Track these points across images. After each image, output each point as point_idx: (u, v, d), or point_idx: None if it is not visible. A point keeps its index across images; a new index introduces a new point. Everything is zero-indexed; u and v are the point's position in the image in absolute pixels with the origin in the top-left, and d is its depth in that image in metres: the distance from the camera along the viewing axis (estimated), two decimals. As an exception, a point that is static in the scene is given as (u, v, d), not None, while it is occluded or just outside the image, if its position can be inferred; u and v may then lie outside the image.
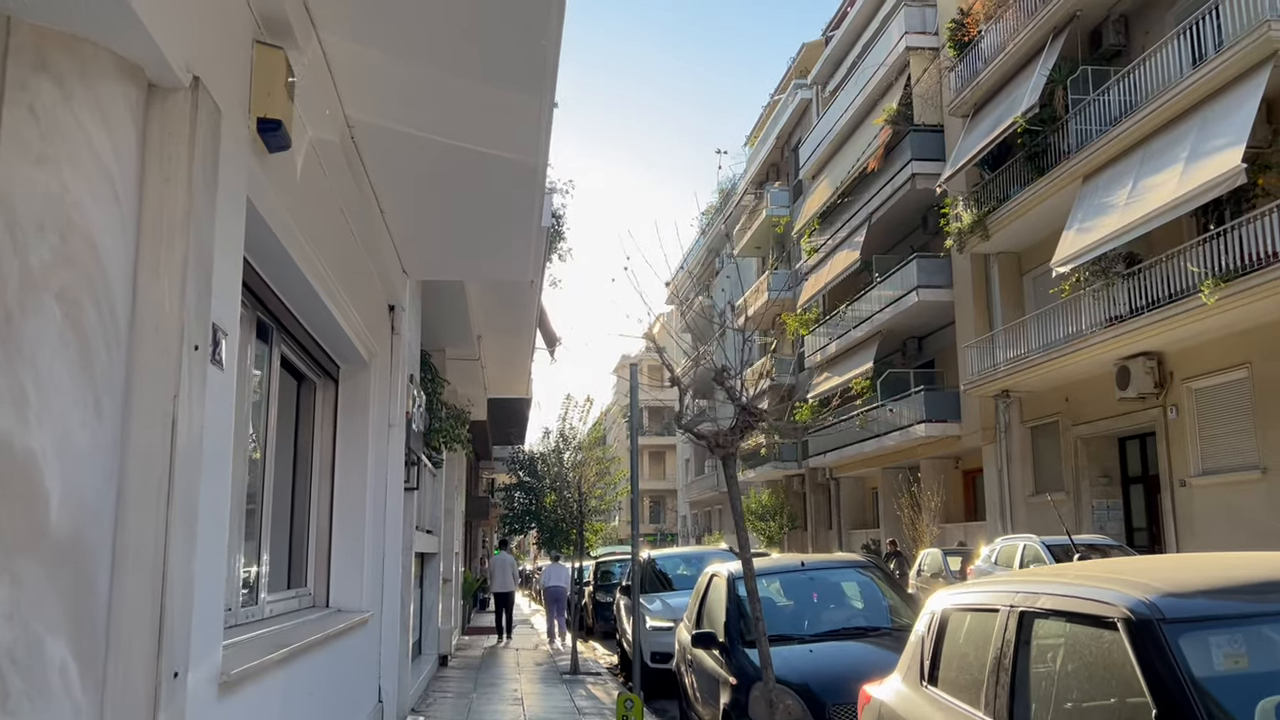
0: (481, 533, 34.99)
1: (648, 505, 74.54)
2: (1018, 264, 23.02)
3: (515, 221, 6.36)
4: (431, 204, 6.21)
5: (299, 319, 5.60)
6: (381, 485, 7.26)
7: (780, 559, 8.24)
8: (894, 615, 7.33)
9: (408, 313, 8.07)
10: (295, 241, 4.61)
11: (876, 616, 7.38)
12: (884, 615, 7.38)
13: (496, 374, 18.40)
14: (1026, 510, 22.20)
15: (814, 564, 7.79)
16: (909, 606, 7.30)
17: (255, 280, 4.66)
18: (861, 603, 7.62)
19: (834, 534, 34.46)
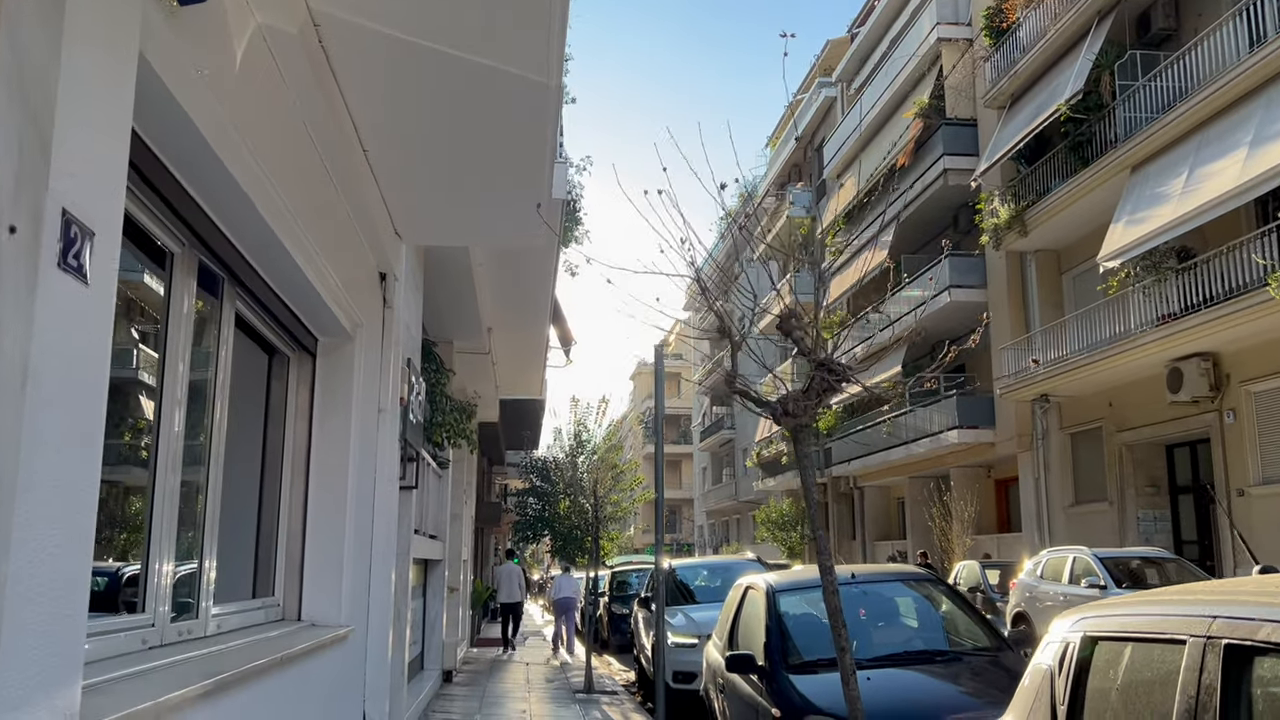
0: (494, 540, 34.00)
1: (663, 515, 73.30)
2: (1056, 262, 21.92)
3: (524, 166, 5.38)
4: (425, 141, 5.24)
5: (259, 272, 4.64)
6: (368, 480, 6.28)
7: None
8: (962, 637, 6.29)
9: (403, 284, 7.10)
10: (241, 160, 3.65)
11: (940, 638, 6.35)
12: (949, 637, 6.35)
13: (508, 372, 17.43)
14: (1066, 521, 21.06)
15: (865, 576, 6.76)
16: (981, 627, 6.25)
17: (190, 207, 3.69)
18: (922, 622, 6.58)
19: (857, 544, 33.30)
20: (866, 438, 29.46)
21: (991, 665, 5.78)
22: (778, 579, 6.81)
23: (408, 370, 7.69)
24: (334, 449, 5.78)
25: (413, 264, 8.22)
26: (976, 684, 5.60)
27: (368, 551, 6.36)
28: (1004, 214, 20.98)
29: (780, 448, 37.54)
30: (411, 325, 8.35)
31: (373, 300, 6.39)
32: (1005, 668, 5.77)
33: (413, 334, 8.43)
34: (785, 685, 5.66)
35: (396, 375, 7.01)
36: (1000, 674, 5.68)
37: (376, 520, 6.56)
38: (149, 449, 3.67)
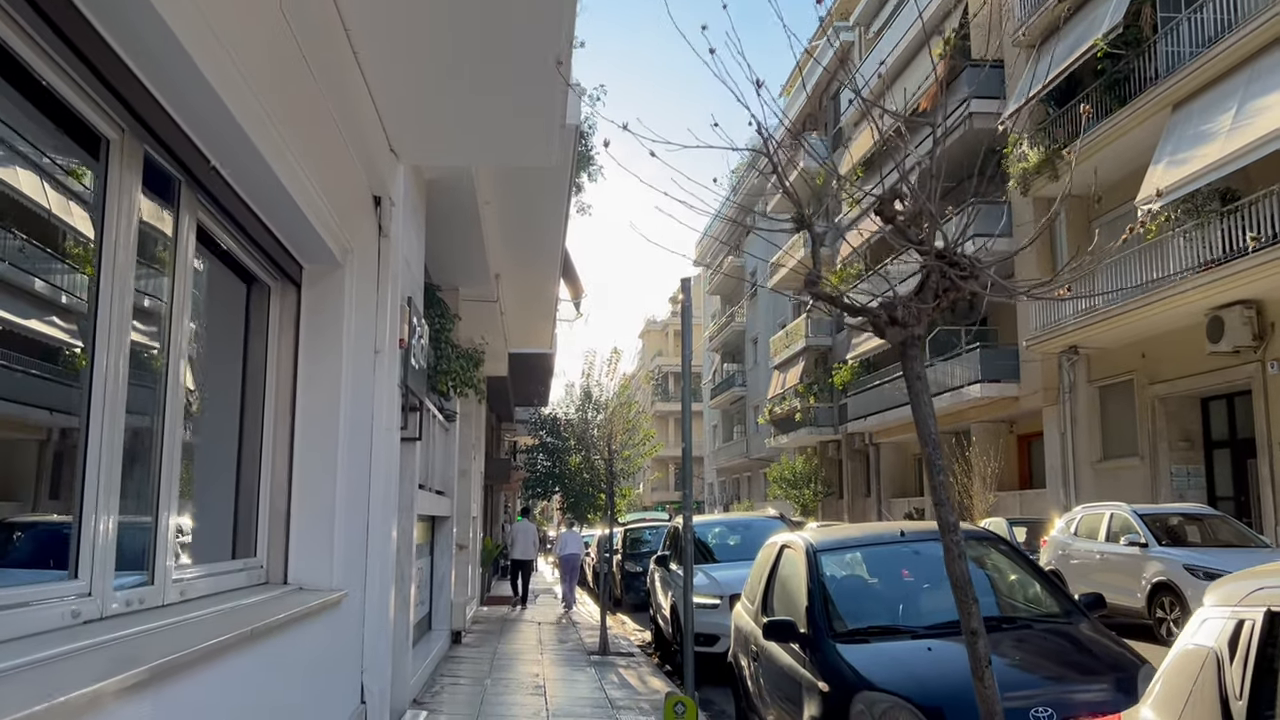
0: (503, 497, 33.54)
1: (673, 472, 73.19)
2: (1087, 209, 21.03)
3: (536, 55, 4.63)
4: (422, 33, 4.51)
5: (228, 180, 3.94)
6: (363, 428, 5.62)
7: (870, 528, 6.53)
8: (1029, 603, 5.63)
9: (401, 212, 6.39)
10: (201, 41, 2.94)
11: (1006, 604, 5.69)
12: (1015, 602, 5.69)
13: (518, 323, 16.75)
14: (1093, 477, 20.41)
15: (917, 534, 6.08)
16: (1050, 592, 5.59)
17: (131, 85, 2.99)
18: (982, 585, 5.92)
19: (872, 501, 32.76)
20: (883, 393, 28.77)
21: (1066, 635, 5.13)
22: (818, 537, 6.15)
23: (408, 310, 7.01)
24: (323, 392, 5.11)
25: (412, 192, 7.50)
26: (1054, 658, 4.95)
27: (364, 507, 5.72)
28: (1033, 157, 20.09)
29: (793, 404, 36.91)
30: (412, 261, 7.66)
31: (366, 225, 5.68)
32: (1081, 638, 5.11)
33: (413, 271, 7.74)
34: (833, 656, 5.02)
35: (395, 313, 6.32)
36: (1078, 646, 5.03)
37: (374, 473, 5.91)
38: (83, 380, 3.00)
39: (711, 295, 58.88)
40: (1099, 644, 5.04)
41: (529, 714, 8.13)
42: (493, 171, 9.50)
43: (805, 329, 36.46)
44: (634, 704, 8.69)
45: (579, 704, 8.69)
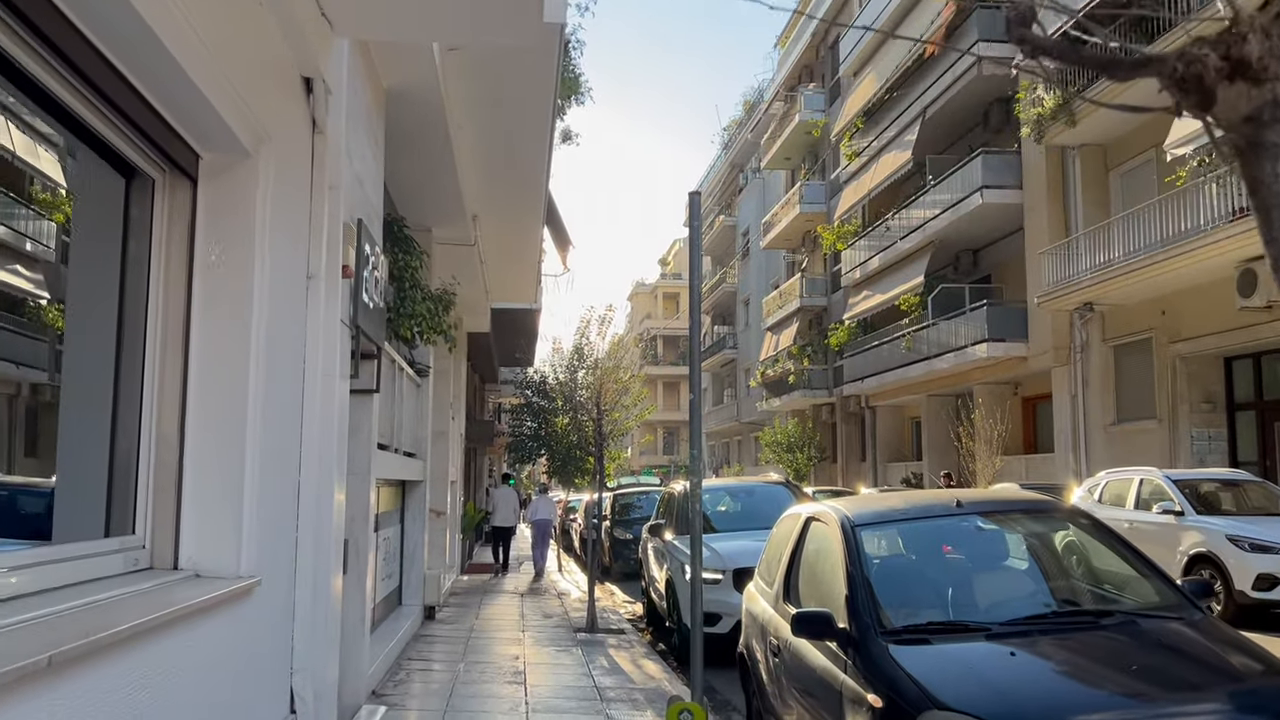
0: (487, 461, 32.46)
1: (661, 436, 72.30)
2: (1103, 158, 19.89)
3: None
4: None
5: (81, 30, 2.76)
6: (289, 371, 4.47)
7: (916, 497, 5.41)
8: (1127, 592, 4.54)
9: (346, 107, 5.19)
10: None
11: (1100, 593, 4.60)
12: (1110, 591, 4.60)
13: (500, 274, 15.54)
14: (1105, 440, 19.42)
15: (977, 504, 4.97)
16: (1152, 577, 4.49)
17: None
18: (1065, 570, 4.83)
19: (868, 466, 31.79)
20: (882, 354, 27.69)
21: (1183, 633, 4.03)
22: (853, 508, 5.03)
23: (358, 234, 5.83)
24: (227, 320, 3.93)
25: (364, 91, 6.28)
26: (1172, 664, 3.85)
27: (292, 469, 4.58)
28: (1050, 102, 18.87)
29: (786, 366, 35.86)
30: (366, 180, 6.45)
31: (291, 113, 4.48)
32: (1202, 637, 4.02)
33: (368, 193, 6.53)
34: (885, 662, 3.91)
35: (335, 232, 5.14)
36: (1204, 648, 3.93)
37: (308, 427, 4.77)
38: None
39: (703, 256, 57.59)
40: (1225, 644, 3.95)
41: (506, 709, 7.05)
42: (465, 89, 8.27)
43: (800, 289, 35.30)
44: (626, 694, 7.62)
45: (563, 694, 7.62)
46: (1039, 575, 4.64)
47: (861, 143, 29.44)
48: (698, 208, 5.25)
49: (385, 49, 6.79)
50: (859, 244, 29.61)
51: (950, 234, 24.13)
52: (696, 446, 5.20)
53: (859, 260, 29.44)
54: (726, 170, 50.65)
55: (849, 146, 30.34)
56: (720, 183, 51.98)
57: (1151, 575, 4.44)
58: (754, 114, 45.00)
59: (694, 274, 5.30)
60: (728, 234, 49.93)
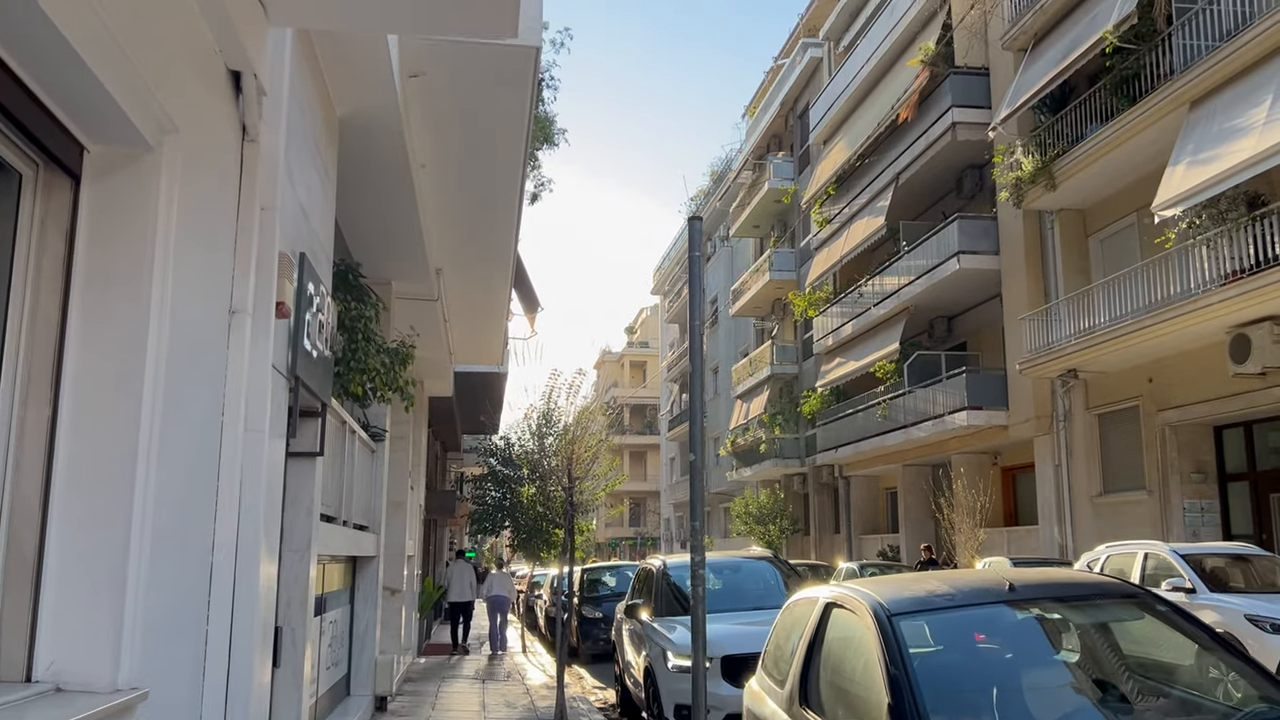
0: (448, 533, 31.21)
1: (627, 507, 70.96)
2: (1082, 223, 19.57)
3: None
4: None
5: None
6: (202, 423, 3.62)
7: (957, 579, 4.58)
8: (1214, 689, 3.73)
9: (287, 118, 4.42)
10: None
11: (1183, 694, 3.78)
12: (1197, 690, 3.79)
13: (464, 334, 14.74)
14: (1092, 513, 18.75)
15: (1033, 588, 4.17)
16: (1256, 676, 3.68)
17: None
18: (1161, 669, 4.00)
19: (842, 539, 30.93)
20: (856, 422, 27.04)
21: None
22: (885, 593, 4.20)
23: (299, 270, 5.02)
24: (115, 355, 3.09)
25: (311, 103, 5.51)
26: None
27: (202, 547, 3.69)
28: (1028, 166, 18.57)
29: (757, 435, 35.11)
30: (312, 212, 5.66)
31: (210, 107, 3.69)
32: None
33: (314, 227, 5.73)
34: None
35: (269, 261, 4.33)
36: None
37: (226, 495, 3.90)
38: None
39: (670, 324, 57.17)
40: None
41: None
42: (429, 122, 7.56)
43: (770, 356, 34.75)
44: (603, 804, 6.63)
45: (531, 805, 6.62)
46: (1118, 675, 3.82)
47: (833, 209, 29.17)
48: (699, 235, 4.53)
49: (339, 70, 6.07)
50: (831, 310, 29.14)
51: (925, 300, 23.69)
52: (698, 517, 4.37)
53: (831, 327, 28.95)
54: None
55: (820, 213, 30.07)
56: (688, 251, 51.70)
57: (1246, 668, 3.64)
58: (721, 183, 44.97)
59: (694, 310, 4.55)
60: (696, 302, 49.47)
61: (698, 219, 4.58)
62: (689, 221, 4.68)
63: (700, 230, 4.63)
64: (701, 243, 4.63)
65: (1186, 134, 14.65)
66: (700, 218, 4.67)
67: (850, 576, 21.08)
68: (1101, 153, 16.89)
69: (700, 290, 4.61)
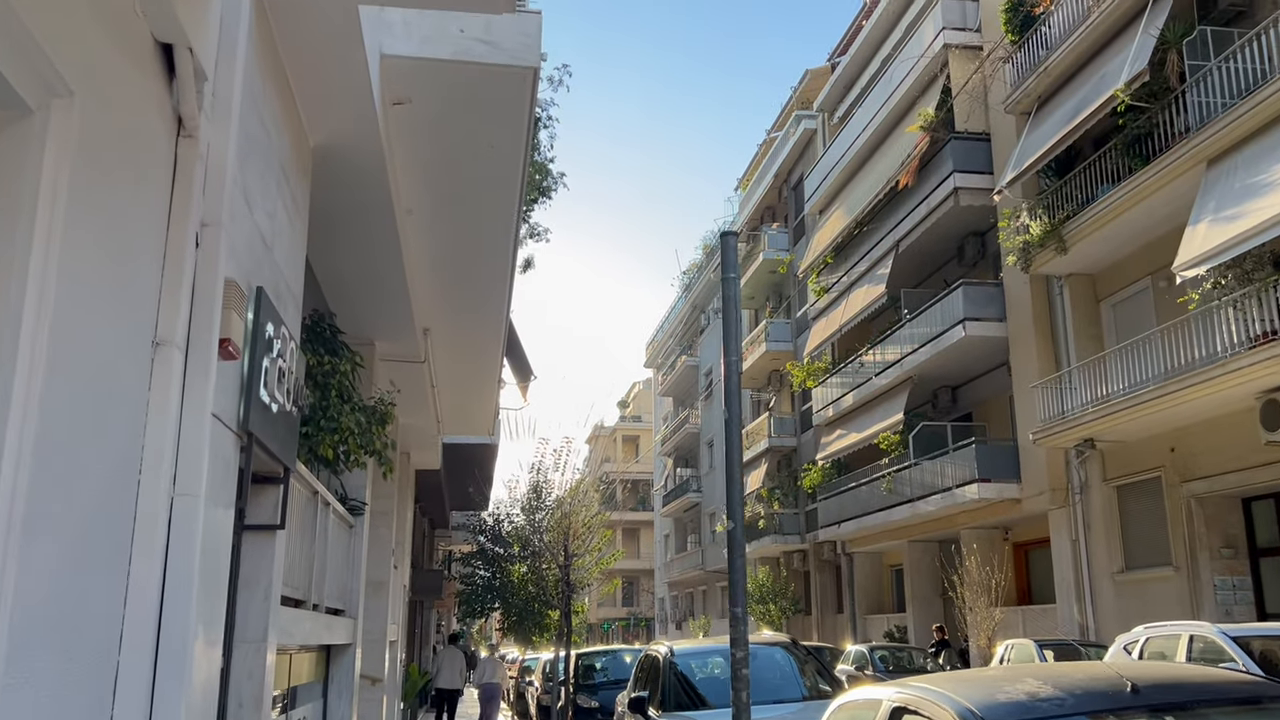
0: (436, 615, 29.93)
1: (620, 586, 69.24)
2: (1093, 287, 18.99)
3: None
4: None
5: None
6: (106, 483, 2.80)
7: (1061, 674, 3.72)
8: None
9: (237, 111, 3.68)
10: None
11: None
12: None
13: (453, 402, 13.90)
14: (1114, 591, 17.79)
15: (1161, 687, 3.31)
16: None
17: None
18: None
19: (845, 619, 29.76)
20: (859, 496, 26.12)
21: None
22: (974, 696, 3.34)
23: (255, 306, 4.25)
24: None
25: (276, 128, 4.78)
26: None
27: (100, 648, 2.84)
28: (1036, 229, 18.04)
29: (755, 510, 34.10)
30: (275, 243, 4.90)
31: (128, 80, 2.94)
32: None
33: (277, 260, 4.96)
34: None
35: (211, 289, 3.55)
36: None
37: (143, 577, 3.06)
38: None
39: (663, 398, 56.39)
40: None
41: None
42: (415, 158, 6.86)
43: (768, 428, 33.92)
44: None
45: None
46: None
47: (830, 278, 28.67)
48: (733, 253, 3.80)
49: (310, 90, 5.37)
50: (830, 381, 28.42)
51: (929, 369, 23.00)
52: (739, 600, 3.53)
53: (831, 398, 28.19)
54: (688, 311, 50.01)
55: (817, 283, 29.56)
56: (682, 323, 51.29)
57: None
58: (714, 256, 44.68)
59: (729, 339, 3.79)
60: (690, 375, 48.86)
61: (732, 234, 3.85)
62: (721, 238, 3.93)
63: (734, 246, 3.89)
64: (736, 261, 3.89)
65: (1206, 192, 14.13)
66: (735, 233, 3.95)
67: (860, 660, 19.96)
68: (1114, 214, 16.36)
69: (736, 318, 3.88)
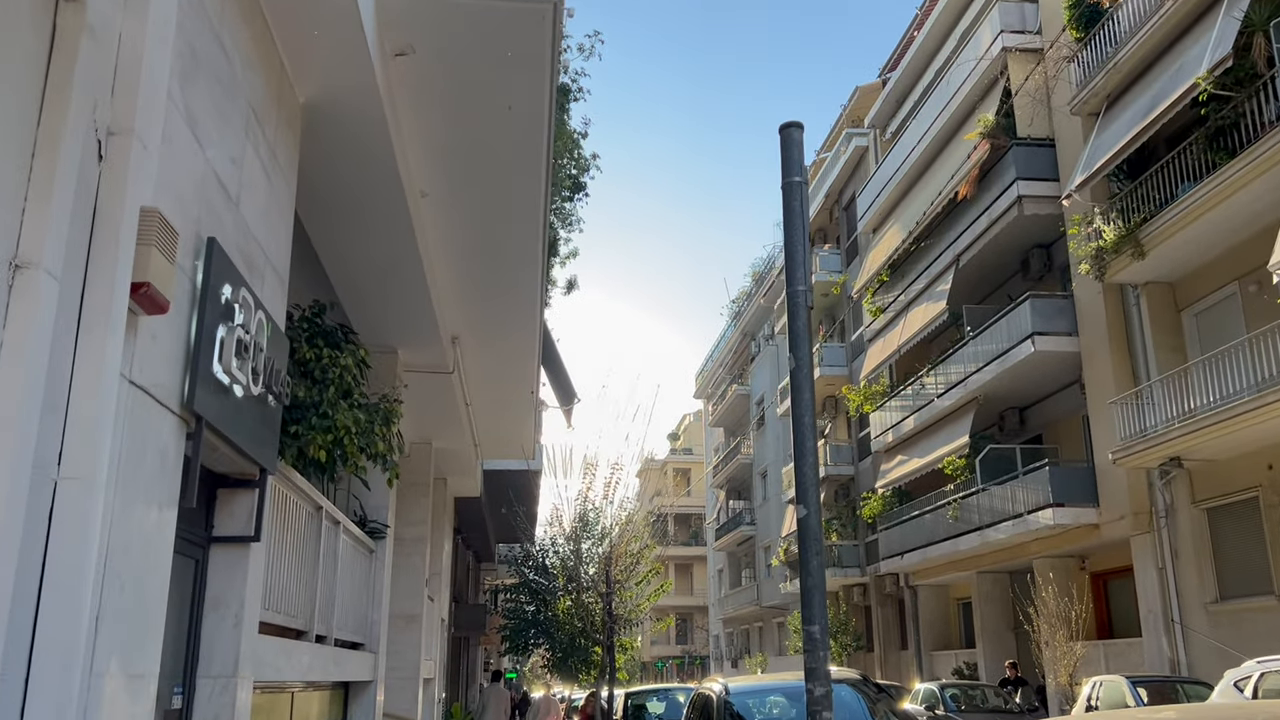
0: (481, 652, 29.02)
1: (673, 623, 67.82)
2: (1172, 296, 17.73)
3: None
4: None
5: None
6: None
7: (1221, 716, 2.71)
8: None
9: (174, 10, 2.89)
10: None
11: None
12: None
13: (489, 421, 13.10)
14: (1208, 622, 16.36)
15: None
16: None
17: None
18: None
19: (910, 655, 28.29)
20: (923, 525, 24.80)
21: None
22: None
23: (201, 256, 3.45)
24: None
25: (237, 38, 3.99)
26: None
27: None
28: (1110, 234, 16.88)
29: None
30: (240, 193, 4.11)
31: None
32: None
33: (244, 215, 4.17)
34: None
35: (116, 214, 2.74)
36: None
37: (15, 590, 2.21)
38: None
39: (714, 428, 55.30)
40: None
41: None
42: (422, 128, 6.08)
43: (824, 456, 32.68)
44: None
45: None
46: None
47: (886, 298, 27.55)
48: (797, 149, 2.86)
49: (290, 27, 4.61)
50: (889, 405, 27.21)
51: (995, 389, 21.74)
52: (816, 618, 2.60)
53: (890, 422, 26.97)
54: (738, 339, 49.03)
55: (872, 303, 28.45)
56: (731, 352, 50.30)
57: None
58: (763, 282, 43.72)
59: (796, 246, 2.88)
60: (741, 404, 47.75)
61: (796, 125, 2.96)
62: (782, 131, 3.04)
63: (799, 143, 2.99)
64: (801, 159, 2.99)
65: (1304, 183, 12.95)
66: (799, 124, 3.04)
67: (930, 698, 18.66)
68: (1196, 213, 15.17)
69: (803, 233, 2.99)
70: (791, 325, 3.03)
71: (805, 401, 2.97)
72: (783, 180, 2.87)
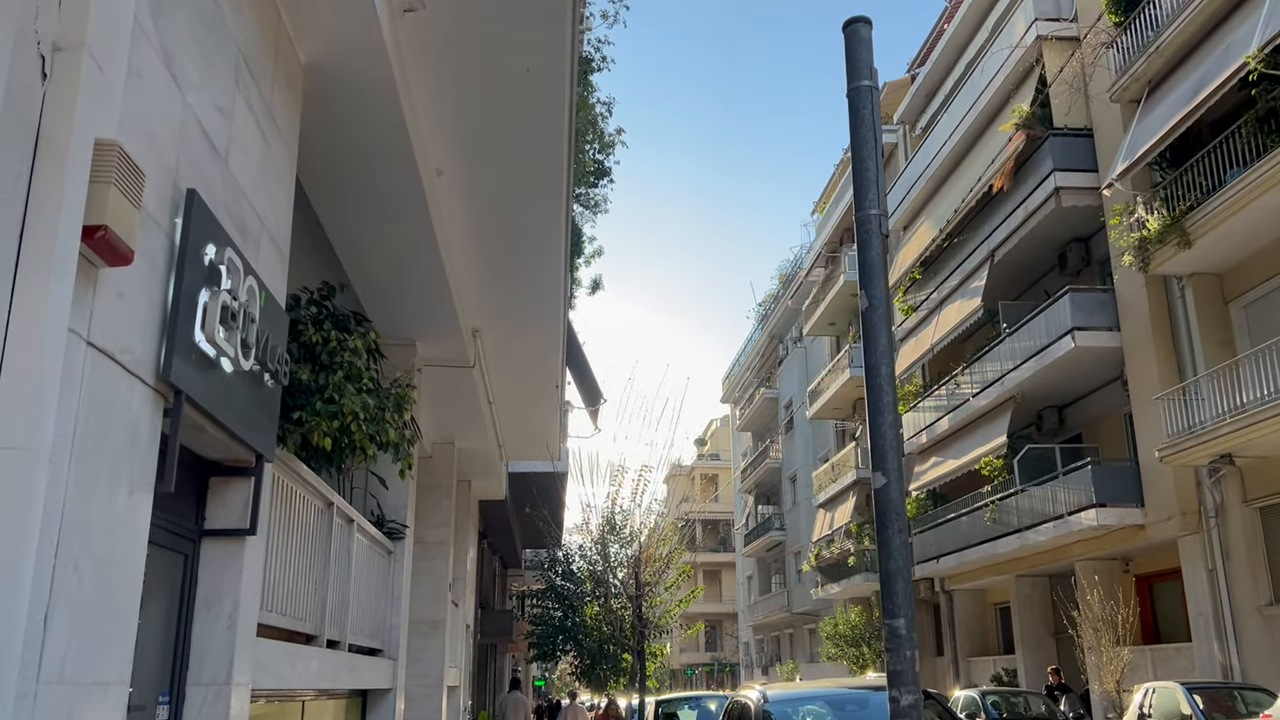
0: (510, 658, 28.63)
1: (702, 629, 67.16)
2: (1220, 287, 17.09)
3: None
4: None
5: None
6: None
7: None
8: None
9: None
10: None
11: None
12: None
13: (514, 421, 12.72)
14: (1262, 626, 15.70)
15: None
16: None
17: None
18: None
19: (946, 662, 27.61)
20: (959, 528, 24.17)
21: None
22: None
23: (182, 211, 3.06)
24: None
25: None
26: None
27: None
28: (1154, 224, 16.28)
29: (844, 546, 32.21)
30: (228, 149, 3.73)
31: None
32: None
33: (233, 172, 3.79)
34: None
35: (62, 143, 2.35)
36: None
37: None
38: None
39: (741, 433, 54.74)
40: None
41: None
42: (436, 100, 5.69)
43: (854, 459, 32.06)
44: None
45: None
46: None
47: (918, 296, 26.98)
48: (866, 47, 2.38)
49: None
50: (923, 405, 26.60)
51: (1033, 387, 21.12)
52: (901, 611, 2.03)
53: (924, 423, 26.35)
54: (765, 342, 48.47)
55: (904, 301, 27.86)
56: (759, 355, 49.74)
57: None
58: (791, 284, 43.18)
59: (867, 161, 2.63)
60: (769, 407, 47.17)
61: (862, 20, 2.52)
62: (846, 29, 2.58)
63: (867, 41, 2.53)
64: (870, 59, 2.57)
65: (1362, 164, 12.33)
66: (867, 20, 2.60)
67: (971, 706, 18.04)
68: (1246, 199, 14.57)
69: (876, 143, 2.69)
70: (862, 257, 2.64)
71: (882, 348, 2.57)
72: (849, 85, 2.46)
